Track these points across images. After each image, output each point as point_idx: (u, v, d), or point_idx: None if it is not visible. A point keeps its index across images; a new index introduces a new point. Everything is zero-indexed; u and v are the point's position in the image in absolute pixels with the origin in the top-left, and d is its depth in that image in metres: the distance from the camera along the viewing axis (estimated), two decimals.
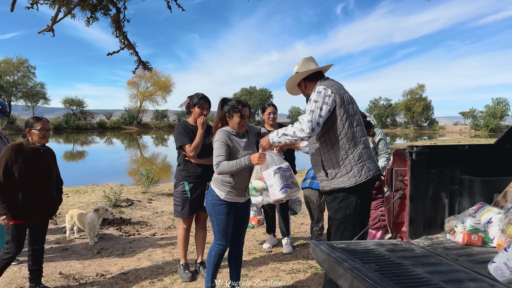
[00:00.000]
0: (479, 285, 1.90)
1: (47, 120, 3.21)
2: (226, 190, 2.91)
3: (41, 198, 3.16)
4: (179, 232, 3.75)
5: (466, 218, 2.67)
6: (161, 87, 63.52)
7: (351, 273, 2.00)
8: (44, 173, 3.20)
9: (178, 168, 3.61)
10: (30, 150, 3.12)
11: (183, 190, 3.55)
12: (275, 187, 2.68)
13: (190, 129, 3.54)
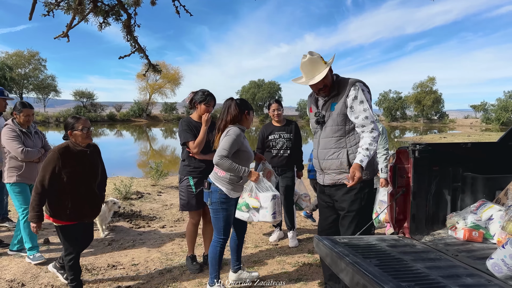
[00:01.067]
0: (477, 281, 1.96)
1: (86, 118, 3.17)
2: (232, 187, 3.03)
3: (88, 198, 3.15)
4: (188, 227, 3.83)
5: (468, 214, 2.72)
6: (170, 79, 63.77)
7: (352, 268, 2.08)
8: (91, 173, 3.16)
9: (183, 163, 3.68)
10: (78, 153, 3.05)
11: (188, 185, 3.61)
12: (268, 211, 2.99)
13: (193, 126, 3.58)
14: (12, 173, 3.81)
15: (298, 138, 4.48)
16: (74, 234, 3.15)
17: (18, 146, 3.74)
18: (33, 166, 3.89)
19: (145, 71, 3.51)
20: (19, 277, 3.63)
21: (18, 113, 3.83)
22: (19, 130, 3.81)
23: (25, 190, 3.88)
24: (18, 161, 3.81)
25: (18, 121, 3.85)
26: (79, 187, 3.06)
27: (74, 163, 3.01)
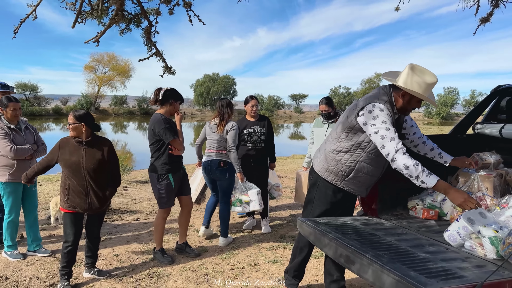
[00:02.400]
0: (437, 249, 2.38)
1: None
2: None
3: (85, 190, 3.25)
4: (158, 221, 3.88)
5: (425, 197, 3.18)
6: (120, 72, 61.64)
7: (335, 242, 2.41)
8: (87, 166, 3.22)
9: (160, 162, 3.68)
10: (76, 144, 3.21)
11: (168, 183, 3.70)
12: (256, 202, 4.32)
13: (172, 123, 3.76)
14: (4, 172, 3.70)
15: (270, 132, 4.79)
16: (71, 223, 3.28)
17: (6, 144, 3.62)
18: (25, 164, 3.78)
19: (162, 74, 3.61)
20: (1, 272, 3.65)
21: (4, 108, 3.68)
22: (7, 127, 3.69)
23: (16, 190, 3.80)
24: (9, 159, 3.69)
25: (5, 117, 3.72)
26: (73, 177, 3.22)
27: (68, 153, 3.19)
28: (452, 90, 60.58)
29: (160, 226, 3.92)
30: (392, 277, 1.90)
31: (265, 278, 3.56)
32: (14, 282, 3.45)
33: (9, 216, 3.81)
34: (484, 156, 2.99)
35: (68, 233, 3.29)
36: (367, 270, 2.10)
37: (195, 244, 4.42)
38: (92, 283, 3.45)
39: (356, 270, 2.21)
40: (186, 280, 3.51)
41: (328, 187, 2.91)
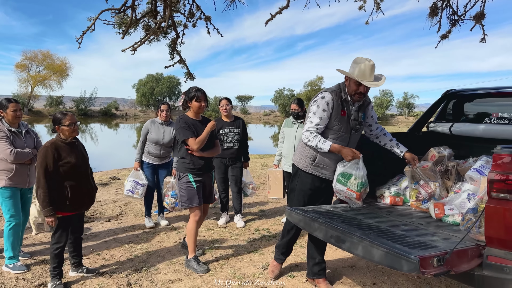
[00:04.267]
0: (410, 227, 2.83)
1: (72, 113, 3.33)
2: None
3: (84, 188, 3.34)
4: (191, 225, 3.76)
5: (391, 186, 3.66)
6: (56, 71, 58.22)
7: (325, 226, 2.77)
8: (83, 164, 3.34)
9: (181, 161, 3.73)
10: (67, 145, 3.23)
11: (187, 181, 3.68)
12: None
13: (191, 123, 3.67)
14: (2, 176, 3.59)
15: (245, 133, 5.08)
16: (68, 225, 3.33)
17: (7, 147, 3.53)
18: (24, 168, 3.70)
19: (185, 80, 3.70)
20: None
21: (4, 110, 3.58)
22: (7, 130, 3.60)
23: (15, 195, 3.70)
24: (8, 163, 3.59)
25: (6, 120, 3.61)
26: (75, 177, 3.25)
27: (66, 155, 3.19)
28: (387, 93, 64.64)
29: (193, 231, 3.76)
30: (381, 250, 2.28)
31: (249, 266, 3.85)
32: (0, 285, 3.42)
33: (10, 223, 3.66)
34: (440, 150, 3.53)
35: (61, 235, 3.34)
36: (358, 247, 2.47)
37: (175, 241, 4.59)
38: (83, 281, 3.52)
39: (346, 248, 2.58)
40: (176, 272, 3.69)
41: (306, 175, 3.31)
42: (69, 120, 3.24)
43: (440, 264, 2.17)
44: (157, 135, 4.95)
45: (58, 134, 3.29)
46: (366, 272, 3.70)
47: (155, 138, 4.94)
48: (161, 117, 5.02)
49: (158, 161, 5.09)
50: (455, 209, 2.97)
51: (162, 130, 4.99)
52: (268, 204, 6.47)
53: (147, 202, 5.19)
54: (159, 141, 4.95)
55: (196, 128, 3.64)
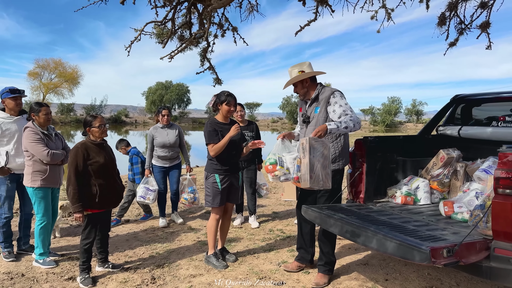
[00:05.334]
0: (421, 223, 3.00)
1: (102, 116, 3.56)
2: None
3: (112, 187, 3.56)
4: (211, 223, 3.92)
5: (402, 186, 3.83)
6: (68, 78, 59.20)
7: (341, 221, 2.95)
8: (111, 164, 3.58)
9: (209, 162, 3.87)
10: (96, 146, 3.47)
11: (214, 182, 3.81)
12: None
13: (219, 127, 3.79)
14: (36, 177, 3.77)
15: (258, 136, 5.29)
16: (97, 222, 3.56)
17: (43, 149, 3.71)
18: (56, 169, 3.91)
19: (213, 85, 3.96)
20: (14, 269, 3.81)
21: (37, 113, 3.78)
22: (41, 133, 3.78)
23: (47, 196, 3.90)
24: (43, 164, 3.77)
25: (37, 123, 3.80)
26: (103, 176, 3.48)
27: (95, 155, 3.43)
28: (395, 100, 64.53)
29: (213, 228, 3.90)
30: (395, 242, 2.46)
31: (266, 263, 4.03)
32: (32, 278, 3.64)
33: (42, 222, 3.87)
34: (449, 151, 3.69)
35: (90, 231, 3.57)
36: (372, 240, 2.65)
37: (193, 239, 4.79)
38: (109, 275, 3.72)
39: (361, 242, 2.76)
40: (196, 268, 3.89)
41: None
42: (99, 122, 3.49)
43: (450, 255, 2.34)
44: (162, 138, 5.24)
45: (88, 136, 3.53)
46: (378, 269, 3.85)
47: (161, 141, 5.22)
48: (163, 121, 5.30)
49: (169, 163, 5.35)
50: (464, 206, 3.13)
51: (166, 133, 5.28)
52: (281, 206, 6.64)
53: (160, 204, 5.47)
54: (165, 143, 5.23)
55: (223, 132, 3.75)
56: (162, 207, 5.50)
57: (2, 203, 3.98)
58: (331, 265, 3.56)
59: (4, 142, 3.95)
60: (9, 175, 3.97)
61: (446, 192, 3.76)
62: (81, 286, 3.46)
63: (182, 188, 5.34)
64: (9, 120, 3.99)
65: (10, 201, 4.03)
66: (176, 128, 5.43)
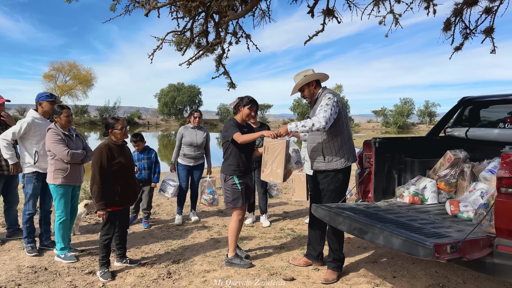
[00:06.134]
0: (427, 221, 3.11)
1: (123, 118, 3.77)
2: None
3: (131, 186, 3.76)
4: (233, 224, 3.97)
5: (410, 186, 3.93)
6: (82, 80, 60.26)
7: (349, 219, 3.07)
8: (130, 163, 3.79)
9: (227, 163, 3.92)
10: (118, 147, 3.67)
11: (233, 184, 3.88)
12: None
13: (239, 125, 3.90)
14: (58, 175, 3.97)
15: None
16: (116, 218, 3.75)
17: (64, 149, 3.90)
18: (76, 167, 4.09)
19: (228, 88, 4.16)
20: (37, 264, 4.01)
21: (59, 116, 3.98)
22: (62, 133, 3.98)
23: (67, 193, 4.09)
24: (64, 163, 3.97)
25: (59, 124, 4.00)
26: (124, 176, 3.67)
27: (117, 155, 3.62)
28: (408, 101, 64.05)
29: (236, 230, 3.96)
30: (400, 238, 2.57)
31: (277, 260, 4.16)
32: (54, 272, 3.83)
33: (61, 217, 4.08)
34: (456, 152, 3.78)
35: (109, 227, 3.76)
36: (379, 237, 2.76)
37: (206, 237, 4.95)
38: (127, 270, 3.90)
39: (369, 238, 2.88)
40: (210, 264, 4.04)
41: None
42: (120, 125, 3.68)
43: (453, 251, 2.45)
44: (191, 138, 5.49)
45: (110, 137, 3.72)
46: (386, 267, 3.95)
47: (189, 140, 5.47)
48: (194, 123, 5.56)
49: (193, 162, 5.56)
50: (469, 206, 3.22)
51: (195, 133, 5.53)
52: (292, 206, 6.77)
53: (179, 201, 5.68)
54: (193, 143, 5.48)
55: (241, 130, 3.83)
56: (181, 204, 5.71)
57: (27, 200, 4.22)
58: (340, 262, 3.68)
59: (34, 141, 4.21)
60: (36, 174, 4.20)
61: (453, 192, 3.85)
62: (101, 280, 3.65)
63: (202, 189, 5.53)
64: (42, 121, 4.26)
65: (35, 199, 4.28)
66: (205, 131, 5.68)
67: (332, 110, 3.42)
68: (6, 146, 4.17)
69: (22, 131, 4.14)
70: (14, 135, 4.14)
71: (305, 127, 3.40)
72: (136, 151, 5.47)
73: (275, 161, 3.46)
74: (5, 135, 4.17)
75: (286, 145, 3.45)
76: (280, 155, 3.43)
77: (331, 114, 3.41)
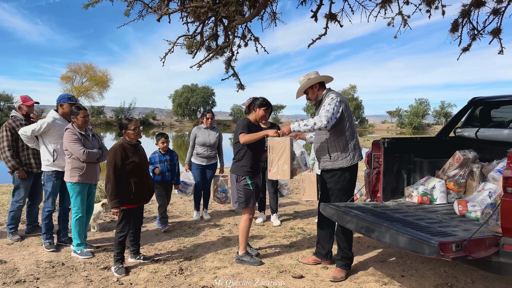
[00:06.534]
0: (434, 221, 3.14)
1: (136, 119, 3.89)
2: None
3: (145, 184, 3.88)
4: (244, 223, 4.05)
5: (419, 186, 3.95)
6: (98, 82, 61.26)
7: (356, 218, 3.12)
8: (145, 163, 3.92)
9: (239, 164, 3.97)
10: (132, 147, 3.80)
11: (245, 184, 3.94)
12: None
13: (251, 124, 3.98)
14: (74, 173, 4.13)
15: None
16: (130, 216, 3.87)
17: (80, 148, 4.06)
18: (92, 166, 4.25)
19: (237, 90, 4.29)
20: (55, 259, 4.17)
21: (76, 116, 4.15)
22: (78, 133, 4.14)
23: (83, 191, 4.24)
24: (80, 162, 4.13)
25: (76, 124, 4.17)
26: (138, 175, 3.79)
27: (131, 155, 3.74)
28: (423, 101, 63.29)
29: (247, 228, 4.04)
30: (406, 237, 2.61)
31: (287, 258, 4.23)
32: (71, 267, 3.98)
33: (77, 214, 4.23)
34: (465, 152, 3.79)
35: (124, 225, 3.88)
36: (385, 235, 2.81)
37: (218, 235, 5.05)
38: (141, 266, 4.02)
39: (375, 237, 2.92)
40: (221, 261, 4.13)
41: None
42: (134, 125, 3.80)
43: (459, 249, 2.48)
44: (204, 138, 5.63)
45: (124, 137, 3.84)
46: (395, 266, 3.98)
47: (202, 140, 5.62)
48: (206, 123, 5.70)
49: (206, 162, 5.70)
50: (477, 205, 3.24)
51: (207, 134, 5.66)
52: (302, 206, 6.83)
53: (196, 198, 5.88)
54: (206, 143, 5.62)
55: (251, 130, 3.92)
56: (197, 201, 5.91)
57: (47, 197, 4.40)
58: (348, 260, 3.73)
59: (52, 140, 4.39)
60: (55, 172, 4.38)
61: (462, 192, 3.86)
62: (115, 275, 3.77)
63: (215, 188, 5.68)
64: (61, 122, 4.45)
65: (54, 196, 4.46)
66: (217, 131, 5.82)
67: (334, 109, 3.50)
68: (26, 140, 4.46)
69: (42, 130, 4.34)
70: (33, 132, 4.36)
71: (307, 126, 3.50)
72: (158, 152, 5.30)
73: (280, 159, 3.57)
74: (25, 130, 4.40)
75: (290, 142, 3.56)
76: (285, 153, 3.54)
77: (333, 114, 3.49)
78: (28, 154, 4.65)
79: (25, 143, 4.57)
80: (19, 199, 4.70)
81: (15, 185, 4.71)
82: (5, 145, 4.56)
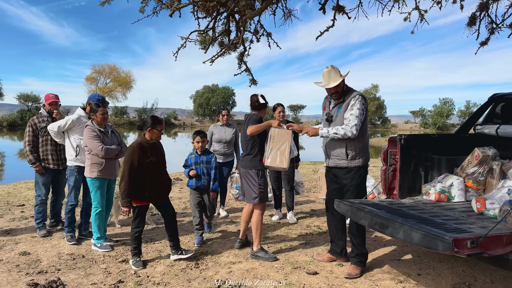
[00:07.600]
0: (450, 217, 3.08)
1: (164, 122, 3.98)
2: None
3: (162, 182, 3.97)
4: (257, 218, 4.08)
5: (436, 183, 3.88)
6: (121, 83, 62.53)
7: (370, 214, 3.10)
8: (162, 161, 4.01)
9: (257, 158, 4.03)
10: (150, 146, 3.87)
11: (265, 179, 4.09)
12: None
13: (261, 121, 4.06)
14: (94, 169, 4.25)
15: (296, 136, 5.50)
16: (143, 213, 3.99)
17: (98, 144, 4.18)
18: (111, 162, 4.37)
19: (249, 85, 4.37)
20: (76, 251, 4.30)
21: (95, 113, 4.29)
22: (98, 130, 4.27)
23: (103, 186, 4.36)
24: (99, 158, 4.24)
25: (96, 121, 4.31)
26: (155, 173, 3.87)
27: (149, 154, 3.83)
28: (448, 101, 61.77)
29: (260, 223, 4.09)
30: (420, 233, 2.58)
31: (301, 255, 4.23)
32: (91, 259, 4.10)
33: (97, 209, 4.36)
34: (484, 150, 3.71)
35: (140, 221, 3.97)
36: (399, 231, 2.78)
37: (233, 232, 5.09)
38: (158, 260, 4.10)
39: (389, 233, 2.90)
40: (236, 256, 4.18)
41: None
42: (161, 127, 3.93)
43: (474, 246, 2.43)
44: (220, 135, 5.70)
45: (144, 134, 3.93)
46: (412, 265, 3.93)
47: (219, 137, 5.69)
48: (223, 120, 5.76)
49: (222, 159, 5.73)
50: (496, 203, 3.17)
51: (224, 130, 5.74)
52: (319, 204, 6.80)
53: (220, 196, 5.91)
54: (222, 139, 5.69)
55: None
56: (222, 198, 5.97)
57: (70, 192, 4.56)
58: (363, 257, 3.70)
59: (76, 136, 4.56)
60: (78, 168, 4.53)
61: (482, 190, 3.77)
62: (133, 268, 3.86)
63: (230, 184, 5.75)
64: (86, 119, 4.60)
65: (77, 191, 4.60)
66: (234, 128, 5.88)
67: (362, 116, 3.57)
68: (54, 135, 4.66)
69: (67, 126, 4.53)
70: (59, 128, 4.56)
71: (337, 135, 3.58)
72: (195, 153, 4.75)
73: (280, 148, 3.72)
74: (52, 126, 4.60)
75: (292, 135, 3.75)
76: (286, 143, 3.70)
77: (361, 120, 3.55)
78: (46, 150, 4.80)
79: (45, 140, 4.76)
80: (40, 193, 4.87)
81: (35, 180, 4.91)
82: (26, 140, 4.77)
